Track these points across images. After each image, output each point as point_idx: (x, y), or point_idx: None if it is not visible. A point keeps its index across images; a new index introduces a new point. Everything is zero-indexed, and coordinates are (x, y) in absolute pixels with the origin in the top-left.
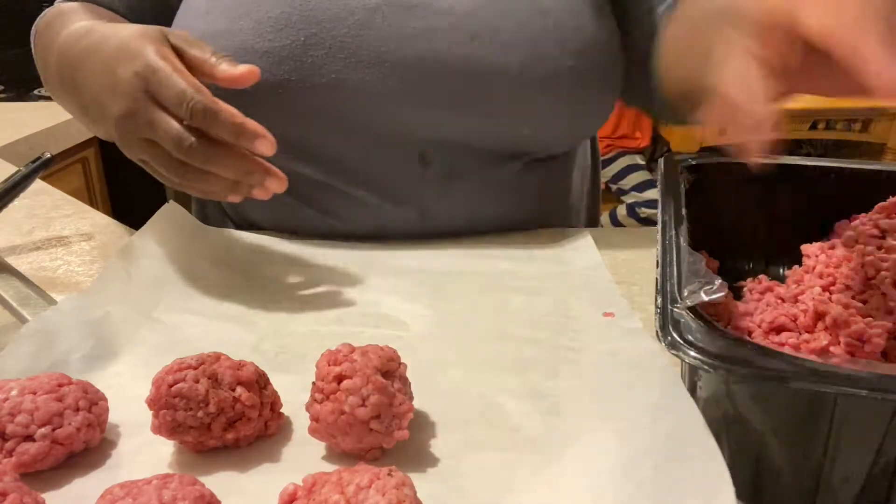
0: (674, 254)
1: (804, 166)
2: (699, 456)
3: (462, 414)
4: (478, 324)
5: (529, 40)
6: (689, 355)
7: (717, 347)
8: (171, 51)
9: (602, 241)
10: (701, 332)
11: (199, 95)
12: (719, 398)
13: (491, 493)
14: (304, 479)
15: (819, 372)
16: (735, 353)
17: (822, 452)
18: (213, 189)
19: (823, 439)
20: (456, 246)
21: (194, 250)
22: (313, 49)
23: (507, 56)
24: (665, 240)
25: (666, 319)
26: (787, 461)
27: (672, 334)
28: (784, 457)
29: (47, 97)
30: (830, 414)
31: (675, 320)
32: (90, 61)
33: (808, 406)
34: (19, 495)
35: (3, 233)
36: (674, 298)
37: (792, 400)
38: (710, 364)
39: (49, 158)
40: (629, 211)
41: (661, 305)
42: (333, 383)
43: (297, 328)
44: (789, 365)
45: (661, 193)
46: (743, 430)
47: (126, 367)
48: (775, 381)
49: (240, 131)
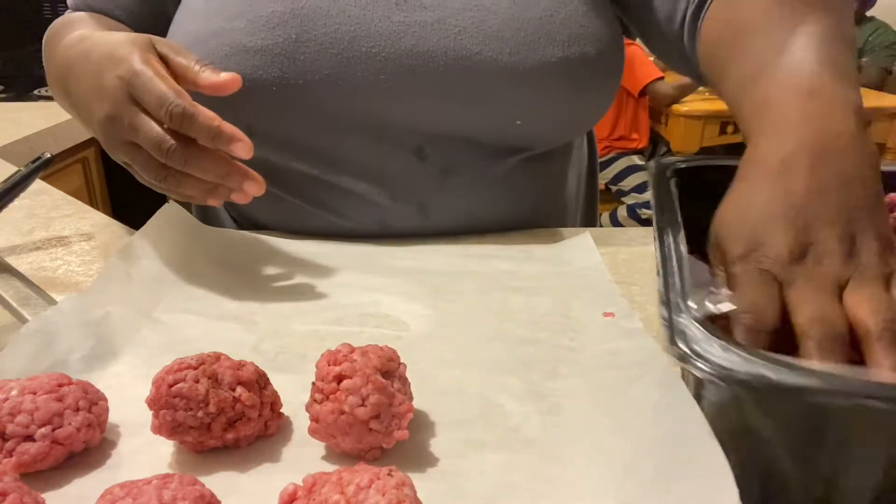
0: (674, 262)
1: None
2: (702, 457)
3: (462, 414)
4: (478, 324)
5: (517, 31)
6: (699, 369)
7: (731, 361)
8: (156, 57)
9: (602, 241)
10: (711, 344)
11: (178, 99)
12: (726, 408)
13: (491, 493)
14: (304, 479)
15: (837, 385)
16: (749, 368)
17: (833, 464)
18: (191, 193)
19: (835, 450)
20: (456, 246)
21: (194, 250)
22: (305, 46)
23: (494, 48)
24: (664, 247)
25: (673, 331)
26: (797, 473)
27: (681, 347)
28: (794, 468)
29: (47, 97)
30: (843, 425)
31: (682, 332)
32: (80, 66)
33: (819, 416)
34: (19, 495)
35: (3, 233)
36: (680, 309)
37: (803, 410)
38: (724, 379)
39: (49, 158)
40: (629, 212)
41: (667, 317)
42: (333, 383)
43: (297, 328)
44: (807, 379)
45: (653, 198)
46: (751, 441)
47: (126, 367)
48: (793, 396)
49: (216, 134)
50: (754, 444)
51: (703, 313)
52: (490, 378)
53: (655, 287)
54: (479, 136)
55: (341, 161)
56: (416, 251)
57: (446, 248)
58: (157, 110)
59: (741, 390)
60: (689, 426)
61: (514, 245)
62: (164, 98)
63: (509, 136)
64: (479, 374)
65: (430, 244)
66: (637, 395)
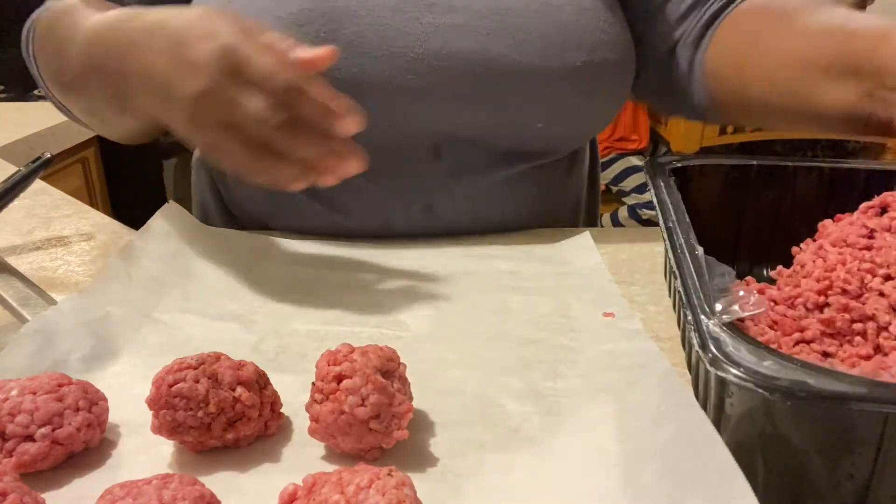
0: (689, 262)
1: (786, 166)
2: (712, 464)
3: (462, 414)
4: (478, 324)
5: (543, 35)
6: (733, 375)
7: (766, 367)
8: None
9: (602, 241)
10: (745, 350)
11: (288, 70)
12: (755, 415)
13: (491, 493)
14: (304, 479)
15: (877, 392)
16: (788, 374)
17: (869, 471)
18: (286, 173)
19: (871, 458)
20: (456, 246)
21: (194, 250)
22: (332, 45)
23: (522, 51)
24: (675, 247)
25: (704, 336)
26: (829, 479)
27: (712, 352)
28: (825, 474)
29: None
30: (880, 431)
31: (713, 337)
32: (149, 43)
33: (856, 423)
34: (19, 495)
35: (3, 233)
36: (707, 313)
37: (839, 417)
38: (763, 386)
39: (49, 158)
40: (630, 213)
41: (693, 321)
42: (333, 383)
43: (297, 328)
44: (849, 385)
45: (656, 198)
46: (782, 448)
47: (126, 367)
48: (834, 403)
49: (328, 110)
50: (784, 450)
51: (731, 317)
52: (490, 378)
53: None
54: (496, 137)
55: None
56: (416, 251)
57: (446, 249)
58: (265, 82)
59: (778, 397)
60: (695, 432)
61: (514, 245)
62: (273, 70)
63: (527, 138)
64: (480, 374)
65: (430, 245)
66: (637, 398)
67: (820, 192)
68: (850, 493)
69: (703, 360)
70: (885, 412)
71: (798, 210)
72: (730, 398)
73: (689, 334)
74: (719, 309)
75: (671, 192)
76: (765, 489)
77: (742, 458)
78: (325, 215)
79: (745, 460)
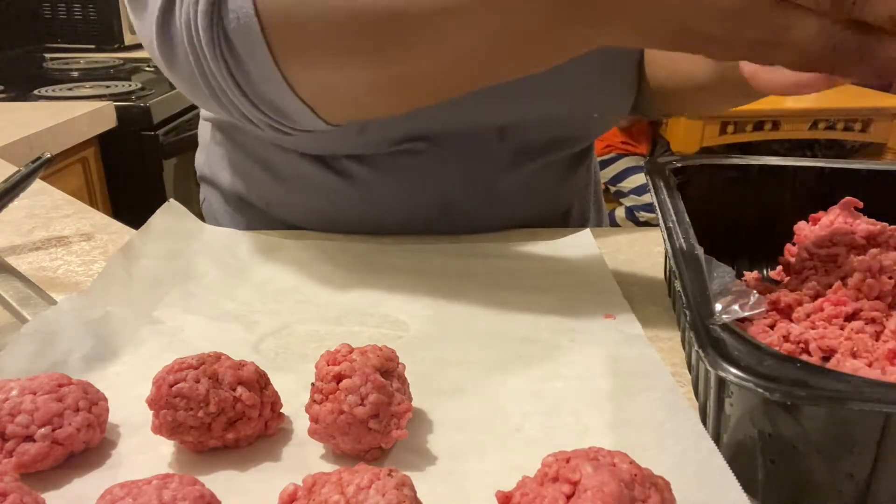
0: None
1: (786, 166)
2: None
3: (462, 414)
4: (478, 324)
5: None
6: (733, 374)
7: (766, 367)
8: None
9: (602, 241)
10: (744, 349)
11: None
12: (755, 415)
13: (491, 494)
14: (304, 479)
15: (876, 392)
16: (788, 374)
17: (868, 471)
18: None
19: (871, 457)
20: (456, 245)
21: (194, 250)
22: None
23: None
24: (675, 247)
25: (703, 337)
26: (829, 478)
27: (712, 352)
28: (826, 474)
29: (47, 97)
30: (880, 431)
31: (713, 337)
32: None
33: (856, 423)
34: (19, 495)
35: (3, 233)
36: (706, 313)
37: (839, 416)
38: (762, 385)
39: (49, 158)
40: (628, 213)
41: (692, 321)
42: (332, 383)
43: (297, 328)
44: (848, 385)
45: (656, 198)
46: (782, 448)
47: (126, 367)
48: (834, 402)
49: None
50: (784, 450)
51: (731, 317)
52: (490, 378)
53: (656, 287)
54: (556, 125)
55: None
56: (416, 251)
57: (446, 248)
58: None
59: (778, 397)
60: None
61: (514, 245)
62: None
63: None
64: (479, 374)
65: (430, 244)
66: (639, 411)
67: (820, 192)
68: (850, 492)
69: (703, 360)
70: (884, 412)
71: (798, 210)
72: (729, 398)
73: (688, 334)
74: (719, 309)
75: (671, 192)
76: (764, 489)
77: (742, 458)
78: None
79: (744, 460)
